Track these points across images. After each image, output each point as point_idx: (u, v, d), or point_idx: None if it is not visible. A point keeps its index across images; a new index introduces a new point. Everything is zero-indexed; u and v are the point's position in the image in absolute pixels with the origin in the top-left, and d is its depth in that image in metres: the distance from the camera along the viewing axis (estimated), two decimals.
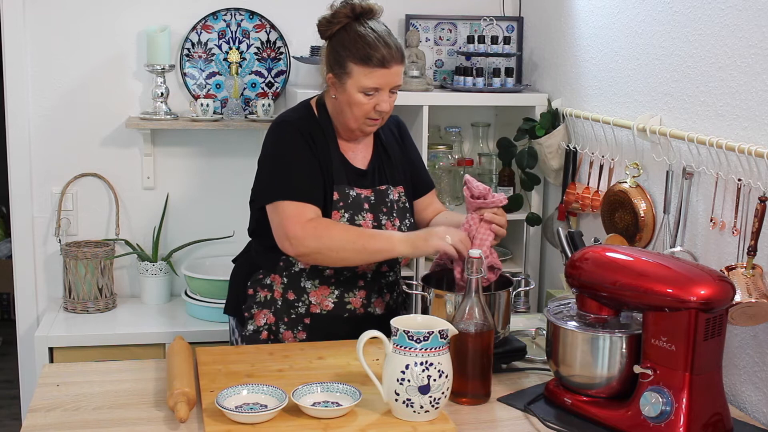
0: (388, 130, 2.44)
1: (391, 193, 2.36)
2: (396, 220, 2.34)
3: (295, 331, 2.35)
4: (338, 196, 2.27)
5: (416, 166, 2.50)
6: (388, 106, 2.24)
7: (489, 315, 1.99)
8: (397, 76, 2.24)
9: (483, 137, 3.49)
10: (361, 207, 2.29)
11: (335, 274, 2.32)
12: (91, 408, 1.92)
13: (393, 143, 2.43)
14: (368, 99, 2.22)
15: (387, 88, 2.23)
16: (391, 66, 2.21)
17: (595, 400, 1.93)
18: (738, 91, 2.16)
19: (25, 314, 3.33)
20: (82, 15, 3.23)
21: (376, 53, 2.19)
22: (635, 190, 2.56)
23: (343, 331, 2.32)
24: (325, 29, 2.28)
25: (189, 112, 3.29)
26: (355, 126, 2.27)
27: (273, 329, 2.36)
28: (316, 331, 2.33)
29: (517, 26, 3.43)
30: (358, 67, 2.20)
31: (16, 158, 3.25)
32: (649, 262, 1.89)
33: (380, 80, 2.21)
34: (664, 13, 2.47)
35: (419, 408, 1.82)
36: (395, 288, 2.43)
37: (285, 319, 2.34)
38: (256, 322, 2.37)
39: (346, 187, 2.29)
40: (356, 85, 2.21)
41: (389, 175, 2.37)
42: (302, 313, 2.34)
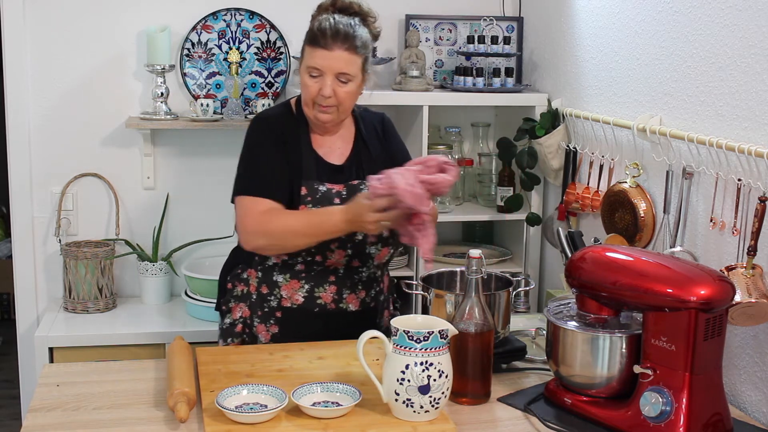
0: (371, 126, 2.44)
1: (366, 189, 2.35)
2: None
3: (267, 324, 2.36)
4: (306, 191, 2.28)
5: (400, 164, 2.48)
6: (329, 90, 2.24)
7: (489, 315, 1.99)
8: (340, 61, 2.24)
9: (483, 137, 3.49)
10: (331, 202, 2.29)
11: (306, 268, 2.32)
12: (91, 408, 1.92)
13: (374, 139, 2.43)
14: (313, 81, 2.25)
15: (330, 72, 2.24)
16: (332, 49, 2.24)
17: (595, 400, 1.93)
18: (738, 91, 2.16)
19: (25, 314, 3.32)
20: (82, 15, 3.23)
21: (321, 35, 2.25)
22: (635, 190, 2.56)
23: (315, 327, 2.32)
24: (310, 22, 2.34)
25: (189, 112, 3.29)
26: (309, 112, 2.30)
27: (248, 323, 2.38)
28: (288, 326, 2.34)
29: (517, 26, 3.43)
30: (307, 49, 2.28)
31: (16, 158, 3.25)
32: (649, 262, 1.89)
33: (321, 61, 2.24)
34: (664, 13, 2.47)
35: (419, 408, 1.82)
36: (374, 285, 2.40)
37: (258, 313, 2.36)
38: (233, 315, 2.40)
39: (316, 183, 2.30)
40: (304, 67, 2.28)
41: (367, 169, 2.36)
42: (274, 307, 2.35)
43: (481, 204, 3.42)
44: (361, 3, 2.36)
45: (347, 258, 2.32)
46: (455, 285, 2.32)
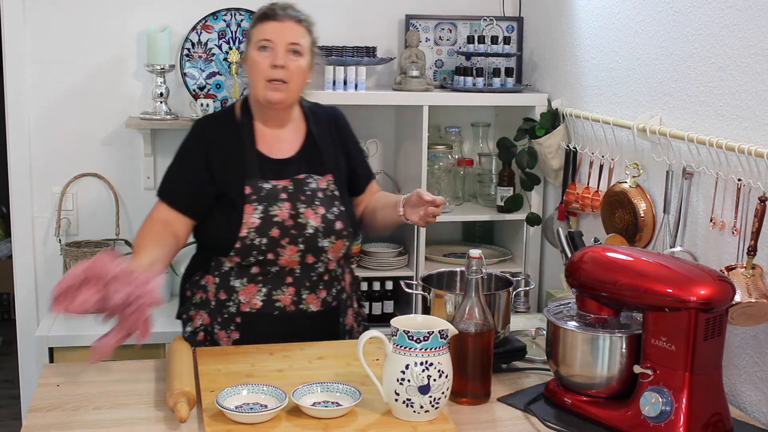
0: (323, 120, 2.44)
1: (315, 182, 2.34)
2: (320, 208, 2.31)
3: (228, 330, 2.33)
4: (250, 189, 2.28)
5: (354, 157, 2.48)
6: (282, 60, 2.25)
7: (489, 315, 1.99)
8: (290, 31, 2.27)
9: (483, 137, 3.49)
10: (277, 198, 2.29)
11: (261, 270, 2.30)
12: (91, 408, 1.92)
13: (325, 134, 2.42)
14: (263, 56, 2.26)
15: (281, 42, 2.25)
16: (282, 20, 2.27)
17: (595, 400, 1.93)
18: (738, 91, 2.16)
19: (25, 314, 3.32)
20: (82, 15, 3.23)
21: (269, 11, 2.29)
22: (635, 190, 2.56)
23: (276, 330, 2.30)
24: None
25: (189, 112, 3.29)
26: (261, 95, 2.29)
27: (208, 330, 2.35)
28: (249, 331, 2.32)
29: (517, 26, 3.43)
30: (254, 28, 2.31)
31: (16, 158, 3.25)
32: (649, 262, 1.89)
33: (270, 32, 2.26)
34: (664, 13, 2.47)
35: (419, 408, 1.82)
36: (334, 284, 2.37)
37: (218, 319, 2.34)
38: (194, 323, 2.38)
39: (259, 181, 2.29)
40: (253, 45, 2.29)
41: (316, 164, 2.37)
42: (233, 313, 2.33)
43: (481, 204, 3.42)
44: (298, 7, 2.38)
45: (300, 254, 2.29)
46: (455, 285, 2.32)
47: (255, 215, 2.26)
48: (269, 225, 2.26)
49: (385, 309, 3.28)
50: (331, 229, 2.31)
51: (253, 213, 2.26)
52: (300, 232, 2.28)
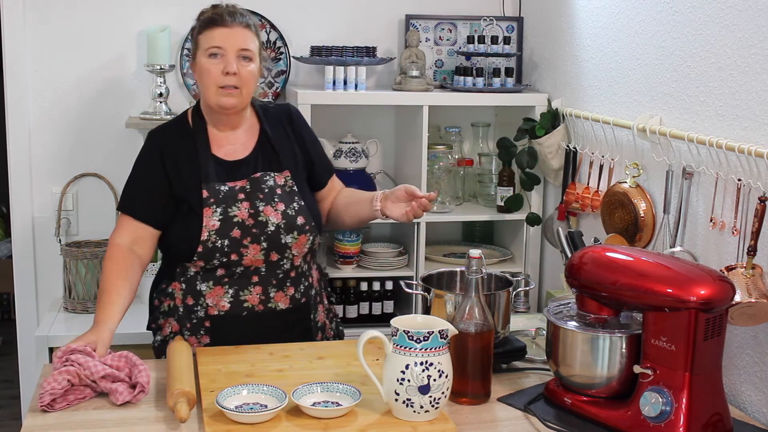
0: (276, 118, 2.44)
1: (272, 179, 2.33)
2: (279, 204, 2.31)
3: (198, 335, 2.32)
4: (207, 193, 2.28)
5: (312, 152, 2.47)
6: (233, 66, 2.25)
7: (489, 315, 1.99)
8: (241, 38, 2.26)
9: (483, 137, 3.49)
10: (235, 198, 2.29)
11: (227, 272, 2.29)
12: (91, 408, 1.92)
13: (279, 132, 2.42)
14: (215, 63, 2.25)
15: (231, 50, 2.25)
16: (231, 25, 2.26)
17: (595, 400, 1.94)
18: (738, 91, 2.16)
19: (25, 314, 3.32)
20: (82, 15, 3.23)
21: (217, 16, 2.27)
22: (635, 190, 2.56)
23: (246, 331, 2.30)
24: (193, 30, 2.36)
25: None
26: (213, 101, 2.28)
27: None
28: (219, 334, 2.31)
29: (517, 26, 3.43)
30: (202, 35, 2.28)
31: (16, 158, 3.25)
32: (649, 262, 1.89)
33: (221, 39, 2.25)
34: (664, 13, 2.47)
35: (419, 408, 1.82)
36: (302, 280, 2.37)
37: (187, 325, 2.33)
38: (163, 332, 2.38)
39: (216, 184, 2.29)
40: (203, 52, 2.28)
41: (272, 161, 2.36)
42: (202, 317, 2.32)
43: (481, 204, 3.42)
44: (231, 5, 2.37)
45: (264, 252, 2.28)
46: (455, 285, 2.32)
47: (214, 217, 2.26)
48: (230, 226, 2.26)
49: (385, 309, 3.28)
50: (293, 224, 2.30)
51: (213, 215, 2.26)
52: (261, 230, 2.27)
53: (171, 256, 2.37)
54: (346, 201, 2.51)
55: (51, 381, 1.90)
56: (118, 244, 2.30)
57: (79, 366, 1.95)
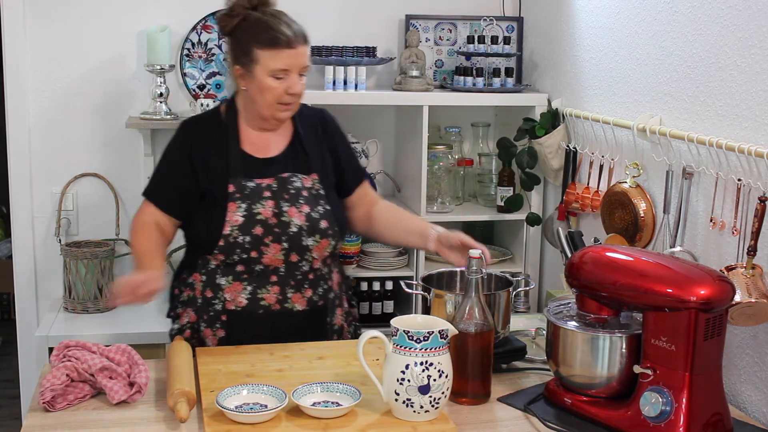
0: (309, 122, 2.43)
1: (299, 181, 2.33)
2: (304, 207, 2.30)
3: (213, 328, 2.34)
4: (234, 188, 2.29)
5: (345, 157, 2.47)
6: (299, 87, 2.26)
7: (489, 315, 1.99)
8: (303, 57, 2.26)
9: (483, 137, 3.49)
10: (261, 196, 2.29)
11: (246, 269, 2.30)
12: (91, 408, 1.92)
13: (311, 134, 2.41)
14: (279, 83, 2.24)
15: (296, 69, 2.25)
16: (296, 47, 2.24)
17: (595, 400, 1.93)
18: (738, 91, 2.16)
19: (25, 314, 3.33)
20: (82, 15, 3.23)
21: (281, 35, 2.22)
22: (635, 190, 2.56)
23: (261, 329, 2.30)
24: (225, 24, 2.30)
25: (189, 112, 3.29)
26: (268, 113, 2.29)
27: (195, 327, 2.36)
28: (234, 329, 2.32)
29: (517, 26, 3.43)
30: (265, 52, 2.23)
31: (16, 158, 3.25)
32: (649, 262, 1.89)
33: (288, 61, 2.23)
34: (664, 13, 2.47)
35: (419, 408, 1.82)
36: (320, 283, 2.36)
37: (204, 317, 2.34)
38: (180, 321, 2.39)
39: (243, 180, 2.30)
40: (265, 70, 2.24)
41: (301, 164, 2.36)
42: (219, 311, 2.33)
43: (481, 204, 3.42)
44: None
45: (284, 252, 2.28)
46: (455, 285, 2.32)
47: (238, 213, 2.26)
48: (252, 223, 2.26)
49: (385, 309, 3.28)
50: (316, 227, 2.30)
51: (237, 211, 2.26)
52: (283, 231, 2.27)
53: (194, 247, 2.39)
54: (388, 220, 2.49)
55: (50, 378, 1.90)
56: (144, 220, 2.34)
57: (77, 360, 1.95)
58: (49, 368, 2.02)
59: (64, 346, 2.02)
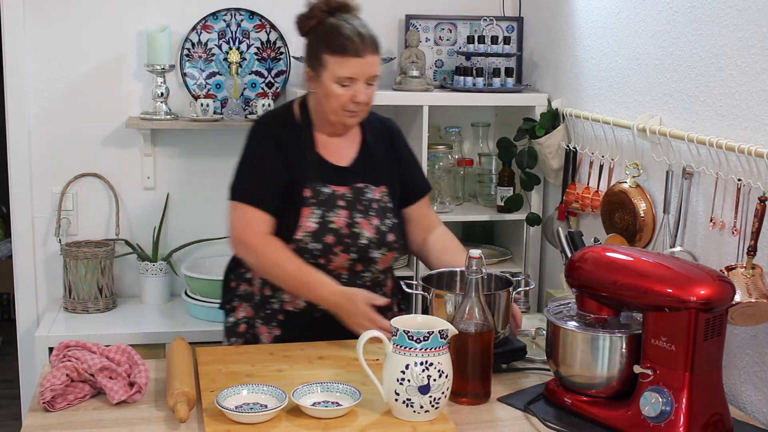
0: (377, 130, 2.42)
1: (371, 192, 2.34)
2: (374, 219, 2.31)
3: (270, 326, 2.35)
4: (310, 193, 2.28)
5: (409, 169, 2.46)
6: (365, 97, 2.24)
7: (489, 315, 1.99)
8: (372, 66, 2.24)
9: (483, 137, 3.49)
10: (335, 204, 2.29)
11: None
12: (91, 408, 1.92)
13: (379, 144, 2.41)
14: (344, 90, 2.23)
15: (362, 78, 2.23)
16: (364, 55, 2.22)
17: (595, 400, 1.93)
18: (738, 91, 2.16)
19: (25, 314, 3.32)
20: (82, 15, 3.23)
21: (350, 43, 2.21)
22: (635, 190, 2.56)
23: (317, 331, 2.31)
24: (302, 25, 2.30)
25: (189, 112, 3.29)
26: (334, 119, 2.28)
27: (250, 323, 2.38)
28: (290, 329, 2.33)
29: (517, 26, 3.43)
30: (333, 58, 2.22)
31: (16, 158, 3.25)
32: (649, 262, 1.89)
33: (354, 70, 2.22)
34: (664, 13, 2.47)
35: (419, 408, 1.82)
36: (377, 290, 2.37)
37: (261, 314, 2.36)
38: (236, 314, 2.40)
39: (319, 185, 2.29)
40: (332, 76, 2.23)
41: (371, 174, 2.36)
42: (276, 310, 2.34)
43: (481, 204, 3.42)
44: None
45: (351, 262, 2.30)
46: (455, 285, 2.32)
47: (312, 219, 2.27)
48: (325, 231, 2.27)
49: None
50: (384, 240, 2.31)
51: (310, 217, 2.27)
52: (354, 242, 2.28)
53: None
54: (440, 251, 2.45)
55: (50, 378, 1.90)
56: (267, 234, 2.27)
57: (77, 360, 1.95)
58: (49, 368, 2.01)
59: (64, 346, 2.02)
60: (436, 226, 2.51)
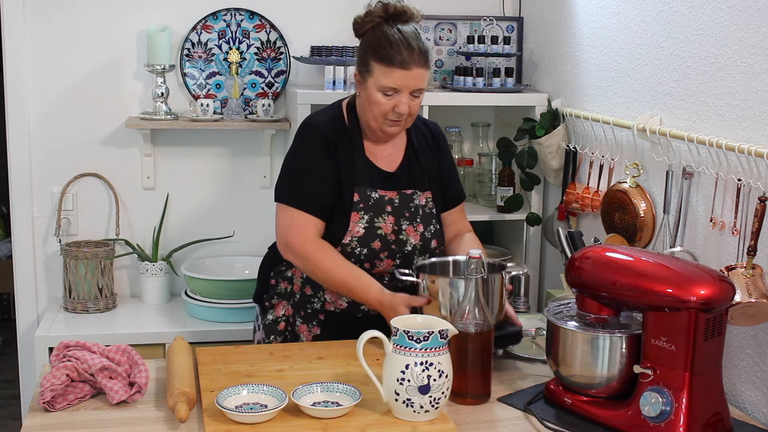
0: (422, 135, 2.43)
1: (418, 198, 2.35)
2: (420, 226, 2.33)
3: (310, 325, 2.37)
4: (359, 197, 2.28)
5: (447, 176, 2.47)
6: (406, 108, 2.24)
7: (489, 315, 1.99)
8: (418, 79, 2.23)
9: (483, 137, 3.49)
10: (383, 209, 2.29)
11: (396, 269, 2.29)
12: (91, 408, 1.92)
13: (425, 148, 2.42)
14: (387, 99, 2.23)
15: (406, 90, 2.23)
16: (410, 68, 2.21)
17: (595, 400, 1.93)
18: (738, 91, 2.16)
19: (25, 314, 3.33)
20: (82, 15, 3.23)
21: (397, 54, 2.20)
22: (635, 190, 2.56)
23: (357, 330, 2.25)
24: (358, 27, 2.31)
25: (189, 112, 3.29)
26: (375, 125, 2.28)
27: (290, 321, 2.39)
28: (330, 328, 2.34)
29: (517, 26, 3.43)
30: (379, 66, 2.22)
31: (16, 158, 3.25)
32: (649, 262, 1.89)
33: (398, 81, 2.21)
34: (664, 13, 2.47)
35: (419, 408, 1.82)
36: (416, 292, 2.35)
37: (301, 313, 2.37)
38: (276, 312, 2.41)
39: (368, 189, 2.29)
40: (376, 84, 2.23)
41: (418, 179, 2.37)
42: (317, 309, 2.36)
43: (481, 204, 3.42)
44: (407, 5, 2.29)
45: (395, 267, 2.31)
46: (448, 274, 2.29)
47: (360, 224, 2.27)
48: (372, 236, 2.28)
49: None
50: (428, 247, 2.33)
51: (359, 222, 2.27)
52: (399, 248, 2.30)
53: None
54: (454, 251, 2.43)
55: (50, 378, 1.90)
56: (317, 239, 2.27)
57: (77, 360, 1.95)
58: (49, 368, 2.01)
59: (64, 346, 2.02)
60: (466, 232, 2.51)
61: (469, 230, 2.53)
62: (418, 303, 2.17)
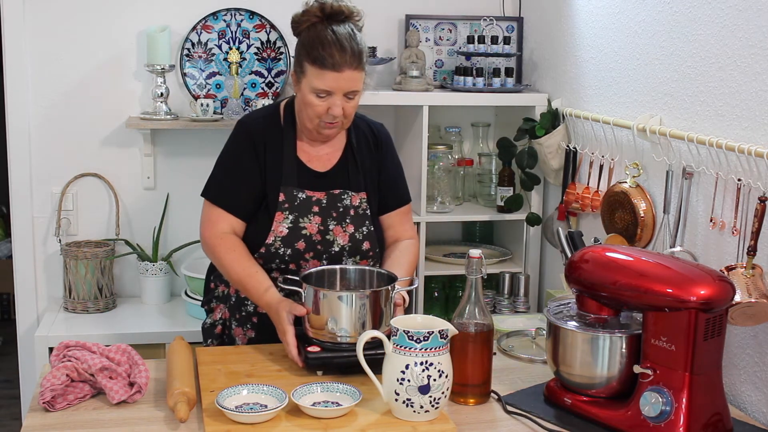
0: (363, 135, 2.39)
1: (349, 199, 2.31)
2: (349, 227, 2.29)
3: (244, 328, 2.35)
4: (284, 197, 2.27)
5: (389, 178, 2.41)
6: (340, 110, 2.20)
7: (489, 315, 1.99)
8: (351, 81, 2.18)
9: (483, 137, 3.49)
10: (309, 209, 2.27)
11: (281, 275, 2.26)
12: (91, 408, 1.92)
13: (364, 149, 2.37)
14: (321, 101, 2.20)
15: (339, 92, 2.19)
16: (342, 70, 2.16)
17: (595, 400, 1.94)
18: (738, 91, 2.16)
19: (25, 314, 3.32)
20: (82, 15, 3.23)
21: (329, 56, 2.16)
22: (635, 190, 2.56)
23: None
24: (295, 26, 2.26)
25: (189, 112, 3.29)
26: (310, 126, 2.26)
27: (226, 324, 2.39)
28: (264, 331, 2.30)
29: (517, 26, 3.43)
30: (312, 68, 2.19)
31: (16, 158, 3.25)
32: (649, 262, 1.89)
33: (331, 83, 2.17)
34: (664, 13, 2.47)
35: (419, 408, 1.82)
36: None
37: (237, 316, 2.36)
38: (214, 315, 2.41)
39: (295, 189, 2.27)
40: (309, 86, 2.20)
41: (353, 180, 2.33)
42: (251, 312, 2.34)
43: (481, 204, 3.42)
44: (346, 3, 2.24)
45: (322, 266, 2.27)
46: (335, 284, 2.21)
47: (284, 224, 2.26)
48: (296, 236, 2.26)
49: None
50: (358, 248, 2.30)
51: (283, 222, 2.26)
52: (326, 249, 2.27)
53: None
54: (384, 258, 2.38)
55: (50, 378, 1.91)
56: (226, 234, 2.29)
57: (77, 360, 1.95)
58: (49, 368, 2.01)
59: (64, 346, 2.02)
60: (406, 239, 2.44)
61: (411, 237, 2.45)
62: (298, 312, 2.10)
